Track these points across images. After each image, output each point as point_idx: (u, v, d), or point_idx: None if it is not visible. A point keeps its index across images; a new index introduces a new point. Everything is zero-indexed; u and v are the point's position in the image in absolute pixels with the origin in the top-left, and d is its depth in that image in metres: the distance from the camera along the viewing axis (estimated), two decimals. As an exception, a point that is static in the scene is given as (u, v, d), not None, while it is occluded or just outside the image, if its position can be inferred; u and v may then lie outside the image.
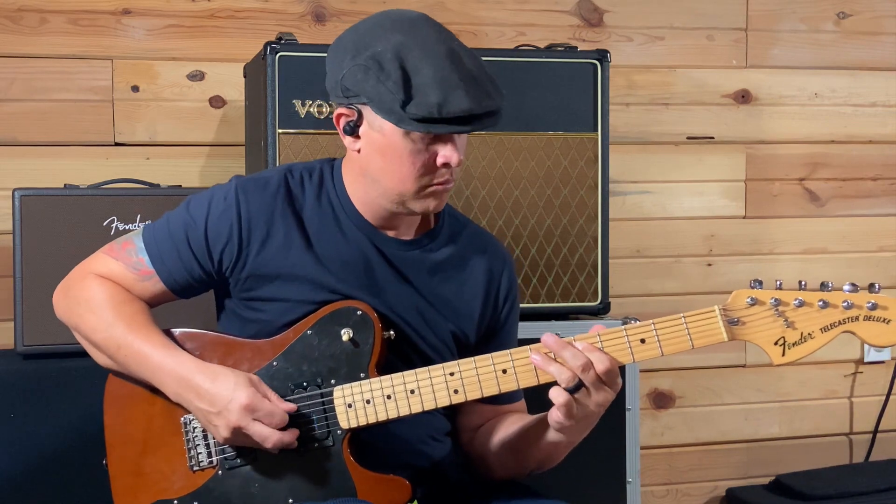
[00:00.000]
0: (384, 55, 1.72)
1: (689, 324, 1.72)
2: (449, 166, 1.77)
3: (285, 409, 1.76)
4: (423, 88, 1.70)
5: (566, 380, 1.69)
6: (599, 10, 3.28)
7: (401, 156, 1.76)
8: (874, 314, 1.67)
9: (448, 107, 1.69)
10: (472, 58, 1.76)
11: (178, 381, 1.78)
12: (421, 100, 1.70)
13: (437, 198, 1.82)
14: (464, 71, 1.72)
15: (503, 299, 1.96)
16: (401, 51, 1.72)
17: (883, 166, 3.52)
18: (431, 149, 1.76)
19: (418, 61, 1.71)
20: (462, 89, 1.70)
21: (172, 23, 3.02)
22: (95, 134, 2.98)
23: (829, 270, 3.46)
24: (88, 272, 1.89)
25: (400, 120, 1.71)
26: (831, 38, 3.46)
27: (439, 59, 1.71)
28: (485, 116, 1.74)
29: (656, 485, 3.40)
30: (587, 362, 1.69)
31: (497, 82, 1.78)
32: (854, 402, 3.54)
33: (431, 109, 1.69)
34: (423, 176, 1.78)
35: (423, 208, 1.82)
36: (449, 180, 1.80)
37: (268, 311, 1.85)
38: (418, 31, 1.75)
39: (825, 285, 1.70)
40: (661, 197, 3.35)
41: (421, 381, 1.77)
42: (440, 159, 1.76)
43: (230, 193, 1.85)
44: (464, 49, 1.77)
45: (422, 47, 1.72)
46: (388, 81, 1.70)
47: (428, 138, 1.75)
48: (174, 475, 1.84)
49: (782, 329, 1.70)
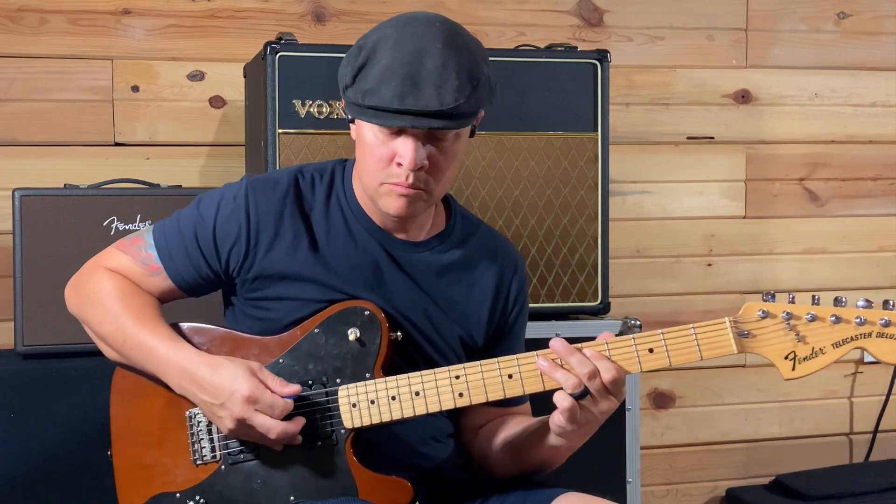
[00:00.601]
0: (364, 45, 1.75)
1: (698, 334, 1.70)
2: (402, 167, 1.75)
3: (289, 391, 1.75)
4: (367, 76, 1.72)
5: (571, 386, 1.69)
6: (599, 10, 3.28)
7: (364, 146, 1.79)
8: (887, 331, 1.65)
9: (372, 96, 1.71)
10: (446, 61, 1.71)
11: (182, 373, 1.78)
12: (357, 85, 1.73)
13: (396, 199, 1.78)
14: (414, 68, 1.70)
15: (512, 303, 1.96)
16: (378, 42, 1.74)
17: (883, 166, 3.52)
18: (392, 144, 1.75)
19: (384, 53, 1.72)
20: (396, 83, 1.69)
21: (172, 23, 3.01)
22: (95, 134, 2.97)
23: (829, 270, 3.47)
24: (99, 266, 1.90)
25: (346, 106, 1.78)
26: (831, 38, 3.46)
27: (401, 54, 1.71)
28: (410, 115, 1.70)
29: (656, 485, 3.40)
30: (594, 370, 1.69)
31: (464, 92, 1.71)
32: (854, 402, 3.54)
33: (358, 96, 1.72)
34: (381, 170, 1.77)
35: (385, 207, 1.80)
36: (410, 185, 1.76)
37: (275, 310, 1.85)
38: (409, 28, 1.74)
39: (839, 300, 1.67)
40: (661, 197, 3.35)
41: (426, 384, 1.77)
42: (397, 158, 1.75)
43: (240, 193, 1.85)
44: (447, 53, 1.71)
45: (397, 41, 1.72)
46: (348, 66, 1.75)
47: (385, 133, 1.75)
48: (177, 468, 1.84)
49: (793, 343, 1.68)
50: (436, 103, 1.70)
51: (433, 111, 1.70)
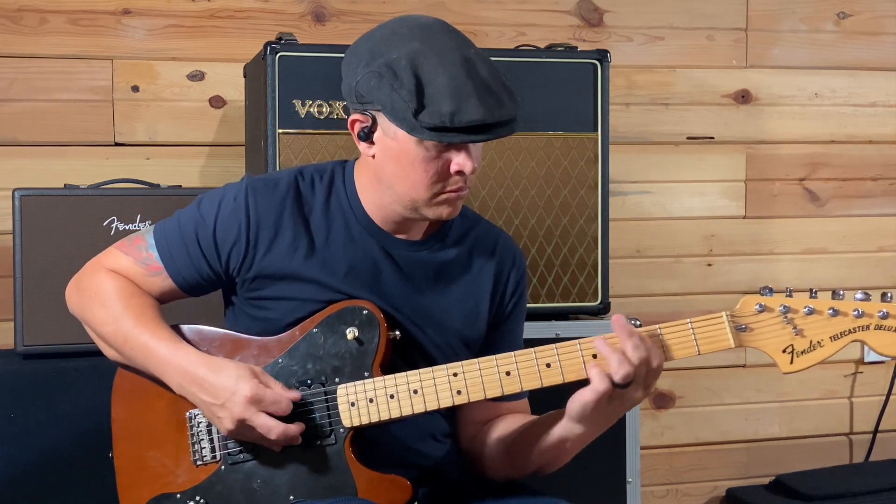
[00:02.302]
0: (398, 62, 1.71)
1: (695, 329, 1.70)
2: (462, 174, 1.77)
3: (290, 397, 1.76)
4: (435, 97, 1.69)
5: (624, 374, 1.66)
6: (599, 10, 3.28)
7: (413, 163, 1.76)
8: (885, 323, 1.65)
9: (460, 116, 1.69)
10: (488, 66, 1.75)
11: (183, 374, 1.79)
12: (434, 109, 1.69)
13: (450, 205, 1.81)
14: (478, 80, 1.71)
15: (510, 294, 1.96)
16: (415, 58, 1.71)
17: (883, 166, 3.52)
18: (445, 156, 1.76)
19: (432, 69, 1.70)
20: (475, 98, 1.69)
21: (172, 23, 3.02)
22: (95, 134, 2.97)
23: (829, 270, 3.46)
24: (100, 266, 1.90)
25: (412, 128, 1.71)
26: (831, 38, 3.46)
27: (454, 68, 1.71)
28: (497, 126, 1.73)
29: (656, 485, 3.40)
30: (648, 356, 1.67)
31: (513, 90, 1.76)
32: (854, 403, 3.54)
33: (444, 118, 1.69)
34: (435, 183, 1.78)
35: (437, 215, 1.82)
36: (462, 188, 1.80)
37: (274, 310, 1.86)
38: (434, 38, 1.74)
39: (836, 293, 1.67)
40: (661, 197, 3.35)
41: (424, 382, 1.77)
42: (454, 167, 1.76)
43: (240, 194, 1.86)
44: (480, 56, 1.76)
45: (437, 55, 1.72)
46: (401, 90, 1.70)
47: (441, 146, 1.74)
48: (178, 469, 1.85)
49: (791, 337, 1.68)
50: (513, 109, 1.73)
51: (512, 117, 1.74)
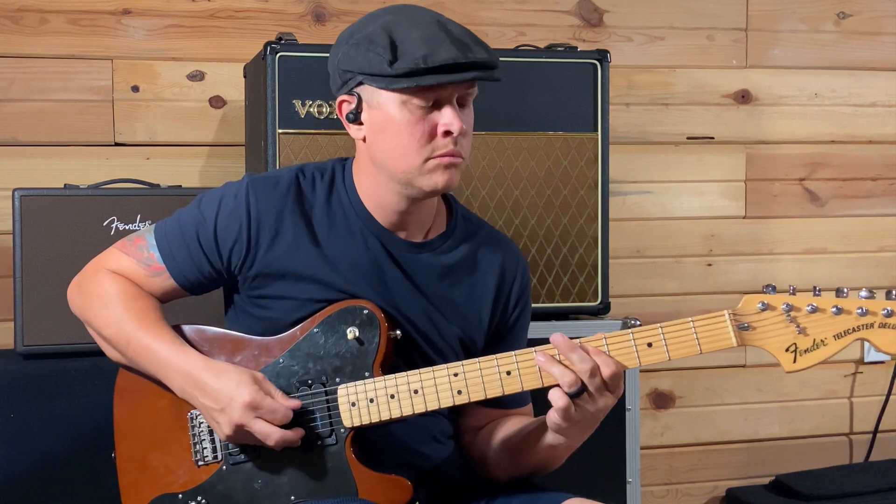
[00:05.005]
0: (374, 32, 1.76)
1: (697, 328, 1.69)
2: (450, 134, 1.76)
3: (289, 405, 1.76)
4: (409, 48, 1.72)
5: (569, 383, 1.68)
6: (599, 10, 3.28)
7: (400, 128, 1.76)
8: (890, 321, 1.63)
9: (433, 56, 1.71)
10: (462, 27, 1.79)
11: (185, 377, 1.79)
12: (407, 55, 1.72)
13: (444, 172, 1.79)
14: (450, 32, 1.75)
15: (513, 305, 1.95)
16: (389, 24, 1.76)
17: (883, 166, 3.52)
18: (430, 118, 1.76)
19: (406, 29, 1.74)
20: (448, 42, 1.72)
21: (172, 23, 3.02)
22: (95, 134, 2.97)
23: (829, 270, 3.46)
24: (101, 267, 1.90)
25: (390, 83, 1.73)
26: (831, 38, 3.46)
27: (426, 25, 1.75)
28: (472, 68, 1.74)
29: (656, 485, 3.40)
30: (594, 366, 1.67)
31: (488, 46, 1.78)
32: (854, 403, 3.54)
33: (417, 61, 1.71)
34: (424, 146, 1.76)
35: (432, 185, 1.79)
36: (454, 153, 1.78)
37: (275, 309, 1.85)
38: (409, 10, 1.79)
39: (840, 291, 1.65)
40: (661, 197, 3.35)
41: (425, 381, 1.77)
42: (441, 127, 1.76)
43: (241, 192, 1.85)
44: (453, 22, 1.79)
45: (409, 19, 1.76)
46: (376, 48, 1.74)
47: (425, 108, 1.75)
48: (179, 469, 1.85)
49: (794, 335, 1.66)
50: (485, 55, 1.75)
51: (487, 61, 1.75)
